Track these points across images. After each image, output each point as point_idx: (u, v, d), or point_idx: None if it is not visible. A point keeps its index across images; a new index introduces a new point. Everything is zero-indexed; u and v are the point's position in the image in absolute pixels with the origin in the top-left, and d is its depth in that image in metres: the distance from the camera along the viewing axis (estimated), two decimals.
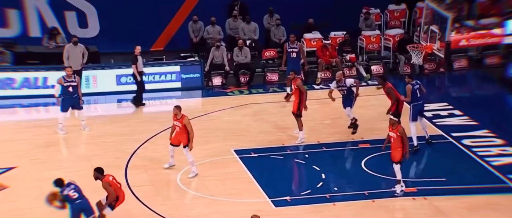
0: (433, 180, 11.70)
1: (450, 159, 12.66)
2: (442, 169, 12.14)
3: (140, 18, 17.79)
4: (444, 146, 13.17)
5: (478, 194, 11.35)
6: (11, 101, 15.46)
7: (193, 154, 12.08)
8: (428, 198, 11.25)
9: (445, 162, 12.52)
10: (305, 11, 17.83)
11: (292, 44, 15.42)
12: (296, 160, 12.78)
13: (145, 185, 11.78)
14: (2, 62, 15.89)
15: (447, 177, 11.80)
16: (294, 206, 11.14)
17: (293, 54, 15.40)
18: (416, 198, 11.28)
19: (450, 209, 10.98)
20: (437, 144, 13.23)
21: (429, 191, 11.40)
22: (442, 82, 16.90)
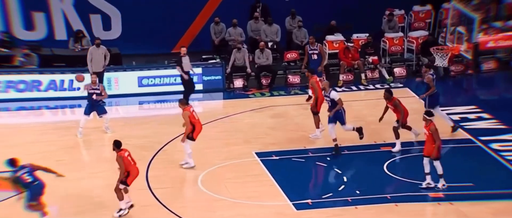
0: (460, 185, 11.53)
1: (478, 163, 12.48)
2: (470, 174, 11.97)
3: (162, 20, 17.90)
4: (472, 150, 12.98)
5: (505, 200, 11.17)
6: (38, 103, 15.69)
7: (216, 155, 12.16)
8: (454, 203, 11.11)
9: (473, 166, 12.34)
10: (327, 13, 17.78)
11: (312, 46, 15.42)
12: (318, 163, 12.72)
13: (166, 187, 11.83)
14: (29, 64, 16.12)
15: (475, 182, 11.62)
16: (316, 209, 11.11)
17: (314, 56, 15.40)
18: (442, 203, 11.14)
19: (476, 214, 10.84)
20: (464, 148, 13.04)
21: (456, 196, 11.25)
22: (470, 84, 16.68)
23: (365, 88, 16.33)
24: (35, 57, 16.28)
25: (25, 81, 15.79)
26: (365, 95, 15.94)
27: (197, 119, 12.28)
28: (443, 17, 17.75)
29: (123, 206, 10.81)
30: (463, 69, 16.84)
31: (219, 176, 12.21)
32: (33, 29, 17.82)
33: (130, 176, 10.67)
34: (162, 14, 17.94)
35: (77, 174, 12.25)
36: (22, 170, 9.95)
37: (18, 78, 15.78)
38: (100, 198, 11.48)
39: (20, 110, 15.56)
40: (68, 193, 11.61)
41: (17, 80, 15.76)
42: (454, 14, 14.24)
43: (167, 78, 16.31)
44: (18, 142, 13.59)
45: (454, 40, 15.37)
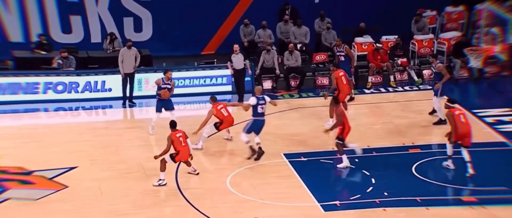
0: (494, 189, 11.43)
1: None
2: (504, 177, 11.82)
3: (192, 22, 18.13)
4: (506, 153, 12.83)
5: None
6: (75, 104, 16.08)
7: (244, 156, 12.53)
8: (487, 207, 10.99)
9: (508, 170, 12.18)
10: (356, 15, 17.77)
11: (338, 48, 15.43)
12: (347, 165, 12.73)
13: (195, 188, 11.99)
14: (67, 67, 16.53)
15: (509, 186, 11.46)
16: (344, 211, 11.12)
17: (341, 57, 15.42)
18: (475, 207, 11.03)
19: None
20: (499, 151, 12.90)
21: (490, 200, 11.13)
22: (505, 86, 16.45)
23: (393, 90, 16.28)
24: (73, 60, 16.68)
25: (63, 83, 16.17)
26: (394, 97, 15.90)
27: (226, 115, 12.96)
28: (476, 18, 17.57)
29: (162, 177, 11.74)
30: (498, 70, 16.65)
31: (247, 177, 12.32)
32: (70, 32, 18.25)
33: (178, 155, 11.82)
34: (192, 16, 18.17)
35: (109, 173, 12.51)
36: None
37: (57, 80, 16.16)
38: (130, 197, 11.71)
39: (58, 110, 15.91)
40: (102, 193, 11.87)
41: (56, 81, 16.15)
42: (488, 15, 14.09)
43: (196, 80, 16.52)
44: (56, 142, 13.91)
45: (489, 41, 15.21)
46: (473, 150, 12.74)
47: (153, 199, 11.58)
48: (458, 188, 11.52)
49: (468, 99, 15.70)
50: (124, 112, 15.82)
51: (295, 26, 17.57)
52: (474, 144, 12.93)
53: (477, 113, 14.51)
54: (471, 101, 15.65)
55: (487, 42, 15.29)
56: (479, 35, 16.22)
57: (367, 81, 16.59)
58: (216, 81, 16.56)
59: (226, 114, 13.12)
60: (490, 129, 13.70)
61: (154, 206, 11.38)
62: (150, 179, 12.26)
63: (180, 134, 11.81)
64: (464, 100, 15.37)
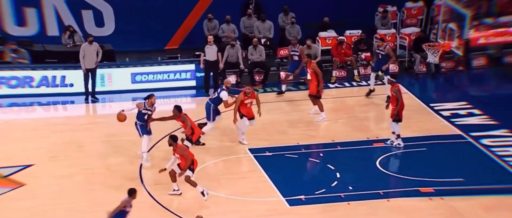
0: (451, 181, 11.68)
1: (468, 159, 12.63)
2: (460, 169, 12.12)
3: (155, 17, 17.92)
4: (462, 145, 13.13)
5: (496, 195, 11.32)
6: (30, 99, 15.71)
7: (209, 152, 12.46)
8: (445, 198, 11.25)
9: (464, 162, 12.49)
10: (320, 10, 17.84)
11: (293, 47, 15.43)
12: (311, 159, 12.83)
13: (159, 184, 11.91)
14: (20, 60, 16.11)
15: (465, 177, 11.76)
16: (309, 205, 11.21)
17: (295, 57, 15.41)
18: (433, 198, 11.27)
19: (467, 209, 10.97)
20: (455, 144, 13.18)
21: (447, 191, 11.39)
22: (461, 80, 16.83)
23: (357, 84, 16.44)
24: (25, 53, 16.27)
25: (17, 77, 15.80)
26: (358, 91, 16.05)
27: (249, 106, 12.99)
28: (435, 13, 17.86)
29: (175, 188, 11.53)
30: (454, 65, 16.99)
31: (212, 172, 12.30)
32: (25, 25, 17.81)
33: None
34: (155, 11, 17.95)
35: (70, 170, 12.31)
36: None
37: (10, 74, 15.78)
38: (94, 194, 11.54)
39: (12, 106, 15.57)
40: (61, 190, 11.67)
41: (9, 76, 15.76)
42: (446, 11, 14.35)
43: (160, 75, 16.37)
44: (11, 139, 13.61)
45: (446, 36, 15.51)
46: (431, 143, 13.02)
47: (115, 195, 11.41)
48: (417, 180, 11.71)
49: (426, 94, 16.00)
50: (87, 107, 15.58)
51: (259, 21, 17.55)
52: (432, 137, 13.24)
53: (434, 107, 14.79)
54: (429, 95, 15.96)
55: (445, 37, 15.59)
56: (437, 30, 16.50)
57: (331, 75, 16.70)
58: (179, 76, 16.45)
59: (249, 105, 13.07)
60: (447, 123, 13.99)
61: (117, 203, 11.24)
62: (113, 175, 12.11)
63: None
64: (423, 94, 15.68)
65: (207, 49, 15.65)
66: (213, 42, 15.64)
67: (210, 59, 15.63)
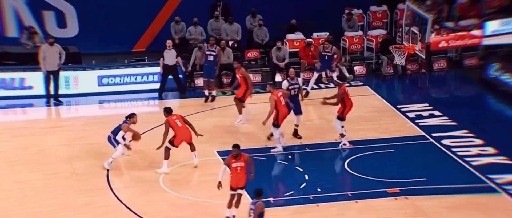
0: (415, 180, 11.89)
1: (431, 159, 12.87)
2: (424, 169, 12.34)
3: (121, 18, 17.76)
4: (425, 146, 13.36)
5: (458, 194, 11.56)
6: None
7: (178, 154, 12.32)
8: (410, 198, 11.44)
9: (427, 162, 12.72)
10: (287, 12, 17.93)
11: (210, 47, 15.38)
12: (279, 161, 12.88)
13: (128, 187, 11.81)
14: None
15: (428, 177, 11.98)
16: (278, 207, 11.25)
17: (211, 57, 15.36)
18: (398, 198, 11.46)
19: (431, 208, 11.17)
20: (419, 144, 13.41)
21: (411, 191, 11.60)
22: (424, 82, 17.13)
23: (325, 86, 16.58)
24: None
25: None
26: (326, 93, 16.16)
27: (283, 104, 12.69)
28: (398, 17, 18.14)
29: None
30: (418, 68, 17.28)
31: (181, 175, 12.24)
32: None
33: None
34: (122, 13, 17.81)
35: (32, 175, 12.10)
36: None
37: None
38: (60, 199, 11.37)
39: None
40: (24, 195, 11.46)
41: None
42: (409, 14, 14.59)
43: (127, 77, 16.23)
44: None
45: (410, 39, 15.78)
46: (398, 144, 13.23)
47: (83, 199, 11.31)
48: (384, 181, 11.89)
49: (393, 95, 16.25)
50: (49, 111, 15.32)
51: (227, 23, 17.56)
52: (399, 138, 13.46)
53: (401, 109, 15.02)
54: (396, 97, 16.20)
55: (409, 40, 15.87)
56: (402, 33, 16.78)
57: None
58: (147, 79, 16.33)
59: (284, 103, 12.94)
60: (412, 124, 14.22)
61: (84, 207, 11.12)
62: (79, 178, 11.96)
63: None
64: (390, 96, 15.92)
65: (166, 54, 15.59)
66: (172, 47, 15.57)
67: (169, 64, 15.57)
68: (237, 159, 10.69)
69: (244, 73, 13.98)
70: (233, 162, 10.68)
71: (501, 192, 11.61)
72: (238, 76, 14.02)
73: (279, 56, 16.68)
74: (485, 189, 11.72)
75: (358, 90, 16.07)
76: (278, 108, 12.81)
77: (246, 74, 14.02)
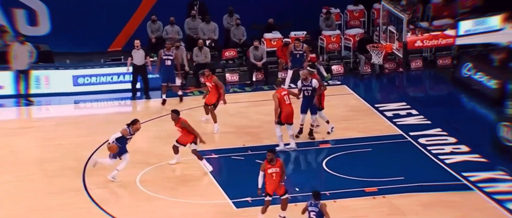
0: (392, 179, 11.98)
1: (408, 158, 12.98)
2: (401, 168, 12.44)
3: (96, 17, 17.57)
4: (403, 145, 13.45)
5: (433, 192, 11.67)
6: None
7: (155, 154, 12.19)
8: (387, 196, 11.52)
9: (404, 161, 12.83)
10: (265, 11, 17.91)
11: (167, 51, 15.19)
12: (257, 161, 12.82)
13: (102, 188, 11.68)
14: None
15: (405, 176, 12.08)
16: (256, 207, 11.19)
17: (168, 61, 15.18)
18: (376, 197, 11.51)
19: (406, 207, 11.27)
20: (397, 143, 13.50)
21: (388, 190, 11.68)
22: (401, 81, 17.25)
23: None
24: None
25: None
26: None
27: (287, 103, 12.58)
28: (375, 16, 18.24)
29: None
30: (395, 67, 17.40)
31: (158, 175, 12.16)
32: None
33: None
34: (97, 11, 17.61)
35: (2, 177, 11.88)
36: None
37: None
38: (29, 202, 11.18)
39: None
40: None
41: None
42: (384, 14, 14.71)
43: (103, 77, 16.04)
44: None
45: (387, 38, 15.90)
46: (376, 143, 13.28)
47: (56, 201, 11.15)
48: (362, 181, 11.95)
49: (371, 94, 16.33)
50: (19, 111, 15.07)
51: (204, 22, 17.48)
52: (377, 137, 13.51)
53: (379, 108, 15.10)
54: (374, 96, 16.28)
55: (386, 39, 15.98)
56: (379, 32, 16.88)
57: (277, 77, 16.76)
58: (123, 78, 16.17)
59: (288, 101, 12.78)
60: (390, 123, 14.31)
61: (57, 208, 10.96)
62: (52, 180, 11.78)
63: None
64: (368, 95, 15.99)
65: (134, 54, 15.48)
66: (140, 47, 15.45)
67: (137, 63, 15.47)
68: (273, 164, 10.39)
69: (216, 81, 13.85)
70: (268, 167, 10.38)
71: (475, 189, 11.75)
72: (210, 84, 13.82)
73: (257, 56, 16.65)
74: (459, 187, 11.86)
75: (336, 89, 16.10)
76: (281, 107, 12.76)
77: (218, 82, 13.88)
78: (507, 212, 11.06)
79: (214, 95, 13.82)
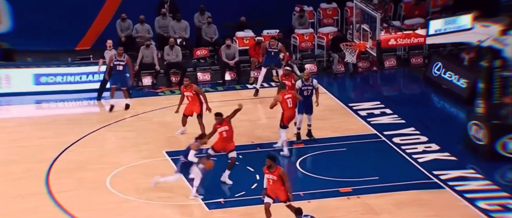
0: (367, 179, 12.03)
1: (382, 157, 13.06)
2: (375, 167, 12.51)
3: (62, 15, 17.23)
4: (378, 144, 13.51)
5: (406, 191, 11.77)
6: None
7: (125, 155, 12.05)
8: (361, 196, 11.55)
9: (378, 160, 12.90)
10: (237, 9, 17.81)
11: (119, 57, 14.84)
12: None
13: (69, 190, 11.45)
14: None
15: (380, 175, 12.14)
16: (229, 208, 11.18)
17: (120, 67, 14.84)
18: (351, 198, 11.54)
19: (380, 206, 11.35)
20: (371, 142, 13.55)
21: (363, 190, 11.73)
22: (375, 80, 17.32)
23: (276, 84, 16.51)
24: None
25: None
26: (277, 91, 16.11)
27: (290, 106, 12.65)
28: (348, 14, 18.27)
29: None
30: (369, 65, 17.46)
31: (128, 176, 12.02)
32: None
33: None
34: (62, 8, 17.26)
35: None
36: None
37: None
38: None
39: None
40: None
41: None
42: (358, 12, 14.73)
43: (71, 76, 15.73)
44: None
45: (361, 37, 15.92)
46: (350, 143, 13.28)
47: (20, 205, 10.90)
48: (337, 181, 11.99)
49: (345, 93, 16.36)
50: None
51: (175, 21, 17.31)
52: (351, 137, 13.52)
53: (353, 107, 15.12)
54: (348, 95, 16.32)
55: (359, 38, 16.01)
56: (352, 30, 16.90)
57: (249, 76, 16.67)
58: (92, 78, 15.90)
59: (291, 105, 12.74)
60: (364, 122, 14.35)
61: (21, 213, 10.68)
62: (16, 184, 11.49)
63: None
64: (342, 94, 16.01)
65: (106, 54, 15.32)
66: (112, 47, 15.25)
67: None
68: (271, 171, 10.41)
69: (197, 90, 13.42)
70: (266, 173, 10.45)
71: (446, 188, 11.86)
72: (190, 94, 13.36)
73: (229, 54, 16.54)
74: (431, 186, 11.96)
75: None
76: (284, 110, 12.85)
77: (199, 90, 13.49)
78: (478, 211, 11.21)
79: (194, 104, 13.40)
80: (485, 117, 12.71)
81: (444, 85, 15.96)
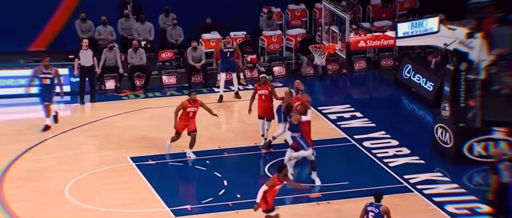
0: (337, 184, 12.08)
1: (353, 162, 13.14)
2: (346, 172, 12.58)
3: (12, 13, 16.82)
4: (348, 149, 13.59)
5: None
6: None
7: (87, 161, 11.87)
8: (331, 202, 11.60)
9: (349, 165, 12.98)
10: (203, 10, 17.72)
11: (45, 69, 13.91)
12: (197, 167, 12.65)
13: (25, 200, 11.23)
14: None
15: (350, 180, 12.22)
16: (196, 215, 11.10)
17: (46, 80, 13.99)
18: (320, 203, 11.58)
19: (350, 211, 11.37)
20: (341, 147, 13.63)
21: (333, 195, 11.78)
22: (345, 83, 17.43)
23: (244, 88, 16.48)
24: None
25: None
26: (244, 95, 16.06)
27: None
28: (317, 16, 18.36)
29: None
30: (338, 68, 17.56)
31: (90, 183, 11.83)
32: None
33: None
34: (14, 6, 16.86)
35: None
36: None
37: None
38: None
39: None
40: None
41: None
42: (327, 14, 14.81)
43: (24, 79, 15.34)
44: None
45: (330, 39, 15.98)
46: (320, 147, 13.31)
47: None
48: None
49: (314, 96, 16.36)
50: None
51: (138, 22, 17.15)
52: (321, 141, 13.57)
53: (322, 110, 15.17)
54: (317, 98, 16.36)
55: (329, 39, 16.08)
56: (321, 32, 16.96)
57: (216, 79, 16.59)
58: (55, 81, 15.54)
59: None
60: (334, 126, 14.42)
61: None
62: None
63: None
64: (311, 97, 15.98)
65: (82, 54, 15.17)
66: (88, 47, 15.04)
67: (85, 65, 15.18)
68: (281, 181, 10.40)
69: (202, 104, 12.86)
70: (278, 184, 10.38)
71: (415, 192, 12.00)
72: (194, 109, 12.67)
73: (195, 57, 16.44)
74: (400, 190, 12.08)
75: (278, 92, 16.02)
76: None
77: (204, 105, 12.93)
78: (446, 215, 11.35)
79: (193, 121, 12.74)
80: (452, 120, 12.90)
81: (414, 88, 16.17)
